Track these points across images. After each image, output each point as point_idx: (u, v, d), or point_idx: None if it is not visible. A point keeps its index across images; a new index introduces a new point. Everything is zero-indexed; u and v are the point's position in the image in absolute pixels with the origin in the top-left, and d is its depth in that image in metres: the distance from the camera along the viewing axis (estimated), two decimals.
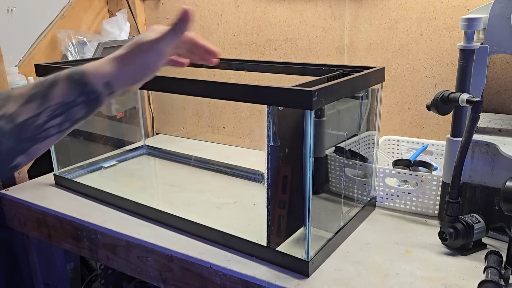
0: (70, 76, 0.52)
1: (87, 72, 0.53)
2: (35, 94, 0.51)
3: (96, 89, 0.53)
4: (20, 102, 0.50)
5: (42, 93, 0.51)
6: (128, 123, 1.53)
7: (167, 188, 1.22)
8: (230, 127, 1.51)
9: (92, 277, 1.58)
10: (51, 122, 0.51)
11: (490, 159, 0.83)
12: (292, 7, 1.28)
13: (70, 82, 0.52)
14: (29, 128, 0.50)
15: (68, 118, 0.52)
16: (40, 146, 0.52)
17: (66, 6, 1.46)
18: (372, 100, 0.96)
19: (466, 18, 0.82)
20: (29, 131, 0.50)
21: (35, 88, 0.51)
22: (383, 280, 0.75)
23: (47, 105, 0.51)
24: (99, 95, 0.54)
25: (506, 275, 0.72)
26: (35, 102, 0.50)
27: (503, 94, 1.06)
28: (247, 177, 1.22)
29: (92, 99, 0.53)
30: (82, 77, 0.52)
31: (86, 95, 0.52)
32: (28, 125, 0.50)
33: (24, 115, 0.49)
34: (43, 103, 0.50)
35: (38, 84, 0.52)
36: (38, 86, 0.52)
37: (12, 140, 0.49)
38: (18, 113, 0.49)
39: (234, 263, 0.81)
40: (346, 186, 0.93)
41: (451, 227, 0.81)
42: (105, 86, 0.54)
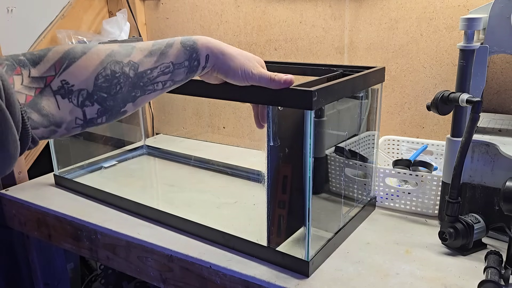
0: (183, 41, 0.61)
1: (199, 41, 0.62)
2: (156, 50, 0.57)
3: (199, 57, 0.61)
4: (143, 54, 0.56)
5: (161, 51, 0.58)
6: (128, 123, 1.53)
7: (167, 188, 1.22)
8: (230, 127, 1.51)
9: (92, 277, 1.58)
10: (160, 78, 0.58)
11: (490, 159, 0.83)
12: (292, 7, 1.28)
13: (183, 46, 0.60)
14: (144, 79, 0.56)
15: (172, 78, 0.59)
16: (145, 98, 0.57)
17: (66, 6, 1.46)
18: (372, 100, 0.96)
19: (466, 18, 0.82)
20: (143, 81, 0.56)
21: (155, 45, 0.58)
22: (383, 280, 0.75)
23: (162, 61, 0.57)
24: (198, 65, 0.62)
25: (506, 275, 0.72)
26: (155, 56, 0.57)
27: (503, 94, 1.06)
28: (247, 177, 1.22)
29: (193, 65, 0.61)
30: (194, 45, 0.61)
31: (191, 61, 0.61)
32: (145, 75, 0.56)
33: (144, 66, 0.56)
34: (159, 59, 0.57)
35: (158, 42, 0.59)
36: (157, 44, 0.58)
37: (131, 86, 0.55)
38: (141, 63, 0.56)
39: (234, 263, 0.81)
40: (346, 186, 0.93)
41: (451, 227, 0.81)
42: (205, 58, 0.62)
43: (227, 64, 0.64)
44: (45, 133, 0.50)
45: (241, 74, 0.66)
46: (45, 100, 0.49)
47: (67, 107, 0.50)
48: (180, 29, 1.52)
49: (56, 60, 0.51)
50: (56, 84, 0.50)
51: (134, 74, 0.55)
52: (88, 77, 0.51)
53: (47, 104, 0.49)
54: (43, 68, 0.50)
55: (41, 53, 0.51)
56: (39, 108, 0.48)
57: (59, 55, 0.51)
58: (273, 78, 0.67)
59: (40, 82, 0.49)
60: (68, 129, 0.52)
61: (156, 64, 0.57)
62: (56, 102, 0.50)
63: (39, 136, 0.49)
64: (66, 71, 0.50)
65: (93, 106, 0.52)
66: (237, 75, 0.66)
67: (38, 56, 0.51)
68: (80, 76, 0.51)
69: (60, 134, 0.52)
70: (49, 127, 0.50)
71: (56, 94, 0.50)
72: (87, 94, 0.51)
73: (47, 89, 0.49)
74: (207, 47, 0.62)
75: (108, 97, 0.53)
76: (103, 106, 0.53)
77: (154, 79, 0.57)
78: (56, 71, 0.50)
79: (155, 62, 0.57)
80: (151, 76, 0.57)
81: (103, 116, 0.54)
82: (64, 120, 0.51)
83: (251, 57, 0.67)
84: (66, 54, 0.51)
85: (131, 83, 0.55)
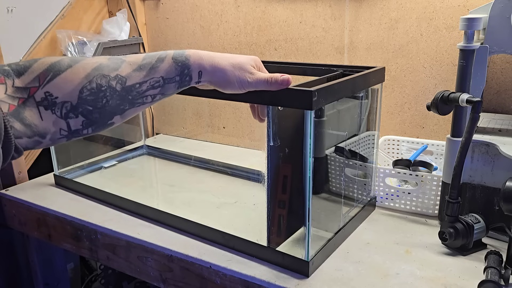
0: (175, 56, 0.60)
1: (191, 58, 0.61)
2: (146, 65, 0.57)
3: (191, 73, 0.61)
4: (132, 68, 0.56)
5: (151, 65, 0.58)
6: (128, 123, 1.53)
7: (167, 188, 1.22)
8: (230, 127, 1.51)
9: (92, 277, 1.58)
10: (149, 91, 0.57)
11: (490, 159, 0.83)
12: (292, 7, 1.28)
13: (175, 61, 0.59)
14: (132, 92, 0.56)
15: (162, 91, 0.59)
16: (134, 110, 0.58)
17: (66, 6, 1.46)
18: (372, 100, 0.96)
19: (466, 18, 0.82)
20: (131, 95, 0.56)
21: (145, 59, 0.58)
22: (383, 280, 0.75)
23: (152, 76, 0.57)
24: (191, 79, 0.62)
25: (506, 275, 0.72)
26: (144, 71, 0.57)
27: (503, 94, 1.06)
28: (247, 177, 1.22)
29: (185, 80, 0.61)
30: (186, 61, 0.60)
31: (182, 76, 0.60)
32: (133, 89, 0.56)
33: (132, 80, 0.56)
34: (149, 73, 0.57)
35: (148, 56, 0.59)
36: (148, 57, 0.58)
37: (118, 99, 0.55)
38: (129, 77, 0.56)
39: (234, 263, 0.81)
40: (346, 186, 0.93)
41: (451, 227, 0.81)
42: (198, 74, 0.62)
43: (222, 78, 0.64)
44: (29, 144, 0.50)
45: (238, 85, 0.66)
46: (28, 111, 0.50)
47: (50, 118, 0.51)
48: (180, 29, 1.52)
49: (40, 72, 0.51)
50: (39, 96, 0.50)
51: (121, 88, 0.55)
52: (72, 90, 0.52)
53: (30, 115, 0.50)
54: (27, 79, 0.51)
55: (26, 64, 0.52)
56: (22, 117, 0.49)
57: (44, 67, 0.52)
58: (269, 80, 0.67)
59: (24, 93, 0.50)
60: (53, 140, 0.52)
61: (145, 79, 0.57)
62: (39, 113, 0.50)
63: (23, 146, 0.50)
64: (50, 83, 0.51)
65: (77, 118, 0.52)
66: (233, 87, 0.66)
67: (23, 66, 0.51)
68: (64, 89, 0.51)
69: (46, 145, 0.52)
70: (33, 138, 0.50)
71: (39, 105, 0.50)
72: (71, 107, 0.52)
73: (30, 100, 0.50)
74: (199, 64, 0.61)
75: (94, 110, 0.53)
76: (88, 118, 0.53)
77: (144, 93, 0.57)
78: (40, 82, 0.51)
79: (144, 77, 0.57)
80: (140, 89, 0.56)
81: (88, 128, 0.54)
82: (48, 131, 0.51)
83: (245, 63, 0.66)
84: (52, 67, 0.52)
85: (119, 97, 0.55)
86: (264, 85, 0.67)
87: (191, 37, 1.51)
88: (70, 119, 0.52)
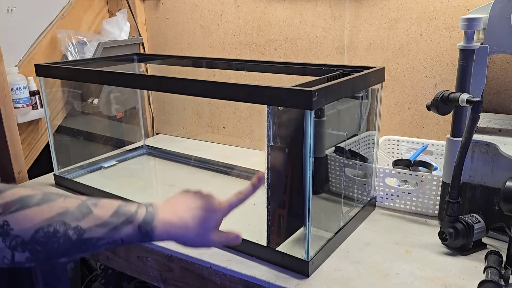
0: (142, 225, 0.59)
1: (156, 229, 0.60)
2: (110, 223, 0.57)
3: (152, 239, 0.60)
4: (95, 223, 0.56)
5: (115, 226, 0.58)
6: (128, 123, 1.53)
7: (167, 188, 1.22)
8: (230, 127, 1.51)
9: (92, 277, 1.58)
10: (104, 246, 0.57)
11: (490, 159, 0.83)
12: (292, 7, 1.28)
13: (141, 229, 0.59)
14: (87, 244, 0.56)
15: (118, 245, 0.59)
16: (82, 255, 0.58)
17: (66, 6, 1.46)
18: (372, 100, 0.96)
19: (466, 18, 0.82)
20: (86, 246, 0.56)
21: (112, 217, 0.58)
22: (383, 280, 0.75)
23: (111, 235, 0.57)
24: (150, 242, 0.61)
25: (506, 275, 0.72)
26: (106, 228, 0.57)
27: (503, 94, 1.06)
28: (247, 177, 1.22)
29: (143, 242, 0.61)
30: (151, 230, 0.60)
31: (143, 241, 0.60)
32: (88, 241, 0.56)
33: (91, 234, 0.56)
34: (110, 232, 0.57)
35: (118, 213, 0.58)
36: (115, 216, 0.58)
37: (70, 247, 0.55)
38: (88, 231, 0.56)
39: (234, 263, 0.81)
40: (346, 186, 0.93)
41: (451, 227, 0.81)
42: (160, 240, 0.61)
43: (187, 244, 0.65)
44: None
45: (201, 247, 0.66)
46: None
47: None
48: (180, 29, 1.52)
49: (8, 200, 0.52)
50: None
51: (77, 238, 0.55)
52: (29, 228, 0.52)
53: None
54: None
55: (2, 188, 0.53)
56: None
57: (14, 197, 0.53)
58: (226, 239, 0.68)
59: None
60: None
61: (104, 235, 0.57)
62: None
63: None
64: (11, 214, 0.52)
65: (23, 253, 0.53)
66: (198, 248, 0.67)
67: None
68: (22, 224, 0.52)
69: None
70: None
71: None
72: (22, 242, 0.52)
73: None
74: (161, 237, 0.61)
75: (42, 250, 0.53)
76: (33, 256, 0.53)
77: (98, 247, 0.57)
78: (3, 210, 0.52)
79: (104, 234, 0.57)
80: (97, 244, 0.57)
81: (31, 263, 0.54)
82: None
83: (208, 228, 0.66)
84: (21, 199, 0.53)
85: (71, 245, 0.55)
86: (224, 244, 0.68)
87: (191, 37, 1.51)
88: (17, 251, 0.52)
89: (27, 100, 1.30)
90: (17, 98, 1.28)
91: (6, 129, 1.23)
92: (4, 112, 1.22)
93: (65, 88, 1.36)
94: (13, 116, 1.26)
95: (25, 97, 1.30)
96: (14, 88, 1.27)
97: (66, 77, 1.16)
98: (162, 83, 0.89)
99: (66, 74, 1.10)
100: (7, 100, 1.23)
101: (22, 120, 1.31)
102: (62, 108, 1.38)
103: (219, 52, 1.46)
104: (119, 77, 0.99)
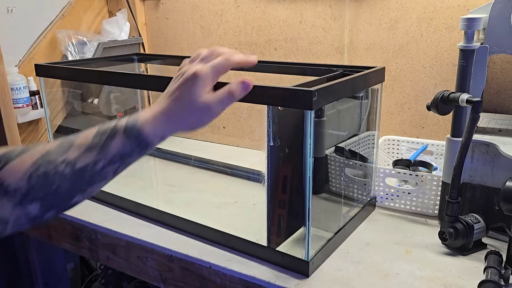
0: (127, 130, 0.57)
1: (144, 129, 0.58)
2: (95, 145, 0.55)
3: (149, 141, 0.59)
4: (80, 150, 0.55)
5: (101, 144, 0.56)
6: None
7: (167, 188, 1.22)
8: (230, 127, 1.51)
9: (92, 277, 1.58)
10: (107, 168, 0.56)
11: (490, 159, 0.83)
12: (292, 7, 1.28)
13: (128, 136, 0.57)
14: (86, 173, 0.55)
15: (122, 164, 0.58)
16: (97, 186, 0.57)
17: (66, 6, 1.46)
18: (372, 100, 0.96)
19: (466, 18, 0.82)
20: (86, 175, 0.55)
21: (95, 138, 0.56)
22: (383, 280, 0.75)
23: (104, 154, 0.55)
24: (152, 145, 0.59)
25: (506, 275, 0.72)
26: (94, 151, 0.55)
27: (503, 94, 1.06)
28: (247, 177, 1.22)
29: (145, 148, 0.59)
30: (139, 133, 0.57)
31: (141, 147, 0.58)
32: (86, 170, 0.54)
33: (82, 162, 0.54)
34: (101, 152, 0.55)
35: (99, 133, 0.56)
36: (98, 135, 0.56)
37: (71, 182, 0.54)
38: (78, 160, 0.54)
39: (234, 263, 0.81)
40: (346, 186, 0.93)
41: (451, 227, 0.81)
42: (158, 139, 0.60)
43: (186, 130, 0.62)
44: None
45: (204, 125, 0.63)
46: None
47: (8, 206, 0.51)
48: (180, 29, 1.52)
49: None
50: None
51: (71, 171, 0.54)
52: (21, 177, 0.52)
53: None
54: None
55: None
56: None
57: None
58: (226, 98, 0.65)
59: None
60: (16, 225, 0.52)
61: (98, 157, 0.55)
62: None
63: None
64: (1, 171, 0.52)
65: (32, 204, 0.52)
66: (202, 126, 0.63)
67: None
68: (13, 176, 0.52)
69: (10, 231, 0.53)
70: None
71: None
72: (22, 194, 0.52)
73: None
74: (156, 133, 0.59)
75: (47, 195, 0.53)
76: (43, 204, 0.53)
77: (101, 171, 0.56)
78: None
79: (96, 156, 0.55)
80: (95, 169, 0.55)
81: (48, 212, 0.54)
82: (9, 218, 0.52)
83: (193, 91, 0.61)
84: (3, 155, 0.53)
85: (71, 180, 0.54)
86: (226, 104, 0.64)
87: (191, 37, 1.51)
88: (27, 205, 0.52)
89: (27, 100, 1.30)
90: (17, 98, 1.28)
91: (6, 129, 1.23)
92: (4, 112, 1.22)
93: (65, 88, 1.37)
94: (13, 116, 1.26)
95: (25, 97, 1.30)
96: (14, 88, 1.27)
97: (66, 77, 1.16)
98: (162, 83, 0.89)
99: (66, 74, 1.10)
100: (7, 100, 1.23)
101: (22, 120, 1.31)
102: (62, 108, 1.38)
103: None
104: (119, 77, 0.99)
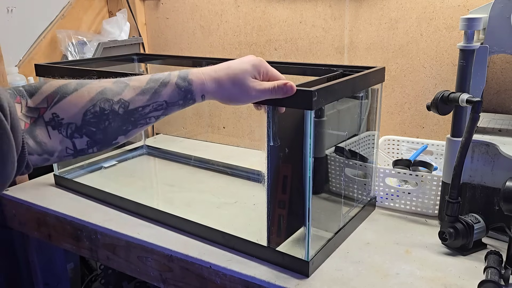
0: (179, 81, 0.62)
1: (194, 83, 0.63)
2: (148, 89, 0.60)
3: (194, 97, 0.64)
4: (135, 92, 0.59)
5: (154, 90, 0.60)
6: None
7: (167, 188, 1.22)
8: (230, 127, 1.51)
9: (92, 277, 1.58)
10: (152, 113, 0.60)
11: (490, 159, 0.83)
12: (292, 7, 1.28)
13: (178, 87, 0.62)
14: (135, 115, 0.59)
15: (165, 113, 0.62)
16: (137, 130, 0.61)
17: (66, 6, 1.46)
18: (372, 100, 0.96)
19: (466, 18, 0.82)
20: (135, 117, 0.59)
21: (149, 83, 0.60)
22: (383, 280, 0.75)
23: (155, 100, 0.60)
24: (194, 101, 0.64)
25: (506, 275, 0.72)
26: (147, 95, 0.59)
27: (503, 94, 1.06)
28: (247, 177, 1.22)
29: (188, 103, 0.64)
30: (188, 86, 0.62)
31: (186, 100, 0.63)
32: (136, 112, 0.59)
33: (135, 104, 0.59)
34: (152, 97, 0.60)
35: (152, 80, 0.61)
36: (152, 81, 0.61)
37: (120, 122, 0.58)
38: (132, 101, 0.58)
39: (234, 263, 0.81)
40: (346, 186, 0.93)
41: (451, 227, 0.81)
42: (201, 97, 0.64)
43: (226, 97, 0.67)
44: (38, 161, 0.54)
45: (242, 101, 0.67)
46: (38, 129, 0.53)
47: (57, 138, 0.54)
48: (180, 29, 1.52)
49: (49, 94, 0.55)
50: (47, 116, 0.54)
51: (123, 111, 0.58)
52: (77, 112, 0.55)
53: (40, 133, 0.53)
54: (37, 99, 0.54)
55: (37, 85, 0.55)
56: (34, 135, 0.53)
57: (52, 89, 0.55)
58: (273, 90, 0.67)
59: (35, 112, 0.54)
60: (60, 157, 0.56)
61: (148, 102, 0.59)
62: (47, 132, 0.54)
63: (33, 162, 0.53)
64: (56, 105, 0.55)
65: (82, 138, 0.56)
66: (238, 102, 0.68)
67: (34, 87, 0.55)
68: (69, 111, 0.55)
69: (53, 162, 0.56)
70: (42, 155, 0.54)
71: (48, 125, 0.54)
72: (76, 128, 0.55)
73: (40, 120, 0.54)
74: (202, 89, 0.64)
75: (97, 131, 0.56)
76: (92, 139, 0.57)
77: (147, 115, 0.60)
78: (48, 103, 0.54)
79: (147, 100, 0.59)
80: (143, 112, 0.59)
81: (93, 147, 0.58)
82: (56, 149, 0.55)
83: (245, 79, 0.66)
84: (59, 89, 0.55)
85: (121, 119, 0.58)
86: (268, 95, 0.68)
87: (191, 37, 1.51)
88: (75, 139, 0.56)
89: None
90: None
91: None
92: None
93: None
94: None
95: None
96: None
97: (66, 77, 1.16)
98: None
99: (66, 74, 1.10)
100: None
101: None
102: None
103: (219, 52, 1.46)
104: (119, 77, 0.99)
